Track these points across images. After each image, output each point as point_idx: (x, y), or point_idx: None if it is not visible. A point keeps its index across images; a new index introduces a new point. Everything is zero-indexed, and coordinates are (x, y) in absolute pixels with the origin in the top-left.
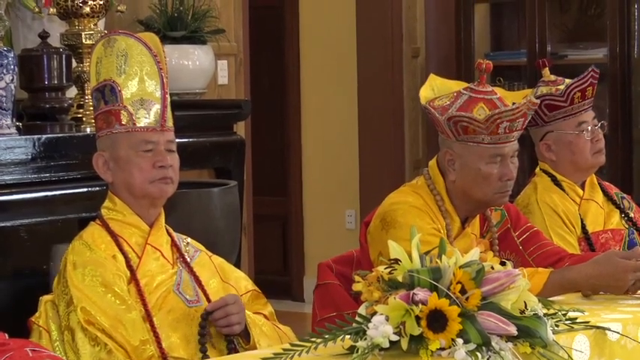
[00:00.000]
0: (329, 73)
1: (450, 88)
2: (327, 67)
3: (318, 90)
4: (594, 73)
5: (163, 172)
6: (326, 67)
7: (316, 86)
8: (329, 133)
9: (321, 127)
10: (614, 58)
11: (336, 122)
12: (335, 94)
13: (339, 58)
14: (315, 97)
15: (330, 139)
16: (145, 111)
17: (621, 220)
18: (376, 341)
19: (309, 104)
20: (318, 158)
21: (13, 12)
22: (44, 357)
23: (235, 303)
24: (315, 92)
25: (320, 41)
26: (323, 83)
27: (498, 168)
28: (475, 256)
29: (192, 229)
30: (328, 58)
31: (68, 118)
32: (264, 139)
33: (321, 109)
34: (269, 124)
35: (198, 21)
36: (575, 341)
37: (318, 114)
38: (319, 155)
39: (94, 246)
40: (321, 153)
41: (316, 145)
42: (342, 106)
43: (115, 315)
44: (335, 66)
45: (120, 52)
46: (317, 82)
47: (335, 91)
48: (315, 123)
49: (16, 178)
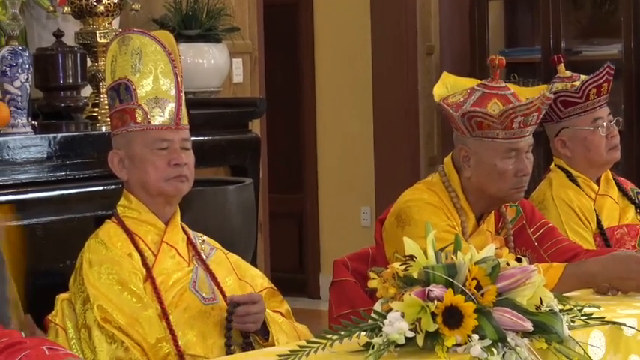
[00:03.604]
0: (344, 71)
1: (463, 85)
2: (342, 65)
3: (333, 87)
4: (609, 69)
5: (178, 171)
6: (341, 64)
7: (331, 84)
8: (344, 131)
9: (336, 125)
10: (629, 54)
11: (351, 119)
12: (350, 91)
13: (353, 56)
14: (330, 94)
15: (345, 136)
16: (160, 109)
17: (636, 215)
18: (392, 337)
19: (324, 102)
20: (334, 155)
21: (28, 11)
22: (61, 355)
23: (258, 303)
24: (329, 90)
25: (334, 38)
26: (338, 81)
27: (514, 163)
28: (490, 252)
29: (208, 226)
30: (343, 55)
31: (83, 117)
32: (280, 137)
33: (336, 106)
34: (284, 121)
35: (213, 19)
36: (591, 337)
37: (333, 111)
38: (334, 152)
39: (110, 244)
40: (337, 150)
41: (331, 142)
42: (356, 104)
43: (132, 313)
44: (349, 63)
45: (134, 51)
46: (332, 79)
47: (350, 88)
48: (330, 120)
49: (31, 176)
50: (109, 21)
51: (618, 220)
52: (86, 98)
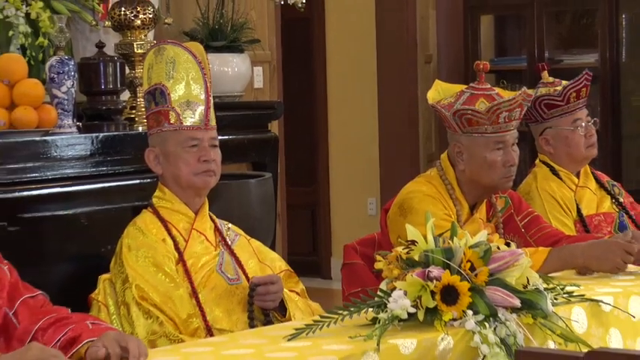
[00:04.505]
0: (352, 78)
1: (453, 90)
2: (350, 72)
3: (343, 92)
4: (588, 75)
5: (207, 166)
6: (349, 71)
7: (341, 89)
8: (352, 131)
9: (346, 126)
10: (605, 62)
11: (359, 121)
12: (357, 96)
13: (360, 65)
14: (340, 98)
15: (353, 136)
16: (191, 111)
17: (612, 204)
18: (396, 313)
19: (335, 105)
20: (343, 153)
21: (73, 25)
22: (102, 329)
23: (277, 284)
24: (340, 94)
25: (344, 49)
26: (347, 87)
27: (502, 155)
28: (483, 237)
29: (233, 215)
30: (351, 63)
31: (122, 119)
32: (295, 136)
33: (345, 109)
34: (299, 122)
35: (237, 32)
36: (573, 313)
37: (342, 114)
38: (344, 150)
39: (147, 231)
40: (346, 148)
41: (341, 141)
42: (364, 107)
43: (165, 292)
44: (357, 71)
45: (169, 60)
46: (341, 85)
47: (357, 94)
48: (340, 122)
49: (76, 171)
50: (144, 33)
51: (596, 209)
52: (124, 102)
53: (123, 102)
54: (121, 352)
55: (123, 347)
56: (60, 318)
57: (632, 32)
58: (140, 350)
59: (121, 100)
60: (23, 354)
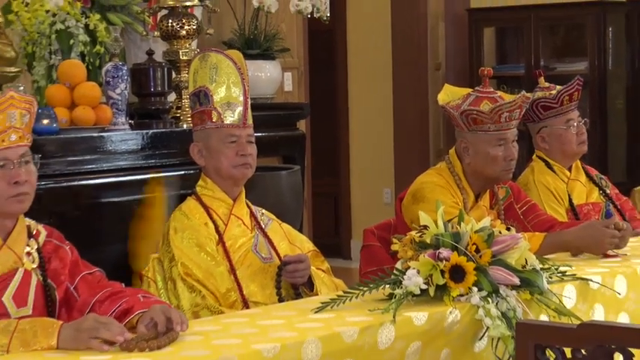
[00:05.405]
0: (370, 83)
1: (461, 93)
2: (369, 78)
3: (362, 95)
4: (579, 81)
5: (244, 159)
6: (368, 77)
7: (360, 92)
8: (370, 129)
9: (364, 124)
10: (594, 69)
11: (376, 121)
12: (375, 99)
13: (378, 71)
14: (359, 100)
15: (371, 133)
16: (231, 111)
17: (600, 195)
18: (409, 289)
19: (355, 106)
20: (362, 148)
21: (127, 35)
22: (152, 302)
23: (305, 262)
24: (359, 97)
25: (363, 57)
26: (365, 90)
27: (503, 150)
28: (487, 223)
29: (266, 203)
30: (369, 70)
31: (169, 117)
32: (320, 134)
33: (364, 110)
34: (324, 121)
35: (269, 42)
36: (565, 290)
37: (361, 114)
38: (363, 146)
39: (191, 215)
40: (365, 144)
41: (361, 138)
42: (380, 109)
43: (207, 269)
44: (375, 77)
45: (212, 65)
46: (361, 89)
47: (375, 96)
48: (359, 121)
49: (129, 163)
50: (189, 42)
51: (586, 199)
52: (171, 102)
53: (169, 103)
54: (166, 320)
55: (167, 317)
56: (115, 292)
57: (617, 43)
58: (182, 319)
59: (168, 101)
60: (81, 323)
